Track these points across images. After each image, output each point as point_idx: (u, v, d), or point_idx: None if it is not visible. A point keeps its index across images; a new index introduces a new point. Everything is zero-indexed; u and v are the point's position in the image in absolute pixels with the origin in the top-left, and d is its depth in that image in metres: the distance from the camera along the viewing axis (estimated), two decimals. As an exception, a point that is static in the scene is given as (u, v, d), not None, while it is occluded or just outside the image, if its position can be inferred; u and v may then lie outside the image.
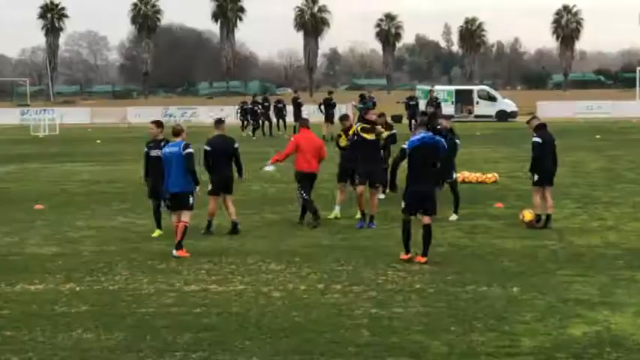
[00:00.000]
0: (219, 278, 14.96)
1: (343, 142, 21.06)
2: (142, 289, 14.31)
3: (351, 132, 20.36)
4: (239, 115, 55.62)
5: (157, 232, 18.92)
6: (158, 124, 18.92)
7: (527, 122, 20.50)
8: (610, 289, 13.73)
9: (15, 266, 16.25)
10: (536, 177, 19.56)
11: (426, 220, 16.07)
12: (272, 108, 54.65)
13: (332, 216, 20.92)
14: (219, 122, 19.93)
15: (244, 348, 10.99)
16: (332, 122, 49.90)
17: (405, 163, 16.77)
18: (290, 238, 18.62)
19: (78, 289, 14.40)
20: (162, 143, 18.20)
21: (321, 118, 50.93)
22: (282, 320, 12.24)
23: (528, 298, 13.27)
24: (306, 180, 20.04)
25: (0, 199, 26.04)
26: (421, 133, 16.36)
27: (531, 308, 12.66)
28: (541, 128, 19.71)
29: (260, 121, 53.41)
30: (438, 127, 20.74)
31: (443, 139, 16.80)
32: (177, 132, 17.44)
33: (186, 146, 17.11)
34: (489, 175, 28.03)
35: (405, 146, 16.32)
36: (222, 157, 19.14)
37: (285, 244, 17.99)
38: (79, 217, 21.94)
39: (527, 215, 19.47)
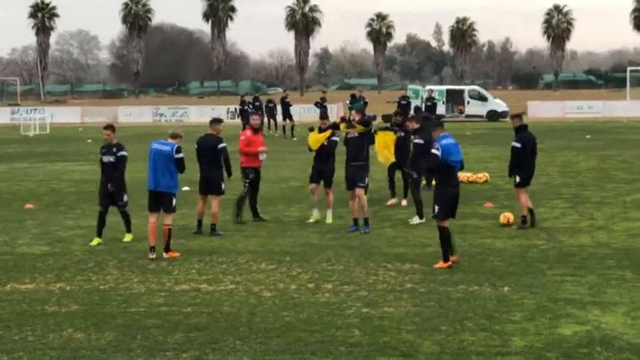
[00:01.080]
0: (210, 278, 14.95)
1: (314, 142, 20.47)
2: (133, 288, 14.29)
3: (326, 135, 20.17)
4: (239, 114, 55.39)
5: (95, 241, 18.15)
6: (112, 129, 18.35)
7: (511, 117, 20.52)
8: (600, 289, 13.75)
9: (5, 266, 16.21)
10: (518, 179, 19.58)
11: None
12: (263, 108, 54.57)
13: (312, 220, 20.58)
14: (213, 122, 19.84)
15: (235, 347, 10.98)
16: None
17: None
18: (281, 238, 18.62)
19: (68, 288, 14.38)
20: (115, 149, 17.99)
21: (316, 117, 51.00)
22: (273, 320, 12.23)
23: (519, 297, 13.28)
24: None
25: (-10, 198, 25.97)
26: (446, 136, 15.86)
27: (522, 308, 12.68)
28: (522, 130, 19.70)
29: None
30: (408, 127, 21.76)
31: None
32: (174, 136, 17.14)
33: (179, 150, 16.90)
34: (480, 175, 28.06)
35: (437, 152, 15.38)
36: (208, 156, 19.10)
37: (276, 244, 17.98)
38: (69, 217, 21.91)
39: (504, 218, 19.68)
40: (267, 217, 21.01)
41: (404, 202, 22.70)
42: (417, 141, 20.62)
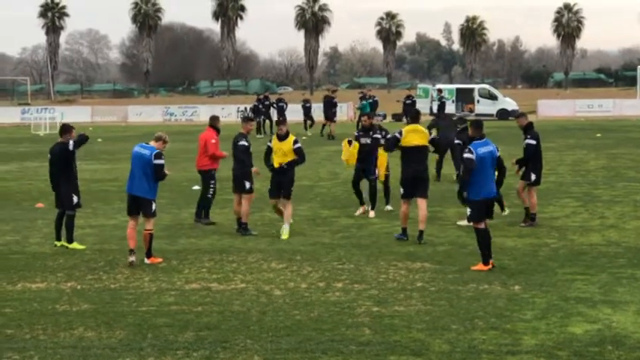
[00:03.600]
0: (221, 277, 14.96)
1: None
2: (144, 287, 14.31)
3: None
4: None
5: (59, 243, 18.04)
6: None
7: (517, 117, 20.62)
8: (611, 288, 13.72)
9: (16, 265, 16.25)
10: (533, 177, 19.62)
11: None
12: (273, 106, 54.55)
13: (284, 237, 18.59)
14: (244, 120, 20.28)
15: (245, 346, 10.99)
16: (333, 121, 50.12)
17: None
18: (291, 237, 18.62)
19: (79, 287, 14.41)
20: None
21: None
22: (284, 319, 12.24)
23: (529, 296, 13.27)
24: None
25: (1, 197, 26.05)
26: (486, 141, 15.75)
27: (532, 306, 12.66)
28: (531, 127, 19.86)
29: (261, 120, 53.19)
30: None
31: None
32: (157, 139, 16.42)
33: (158, 156, 16.11)
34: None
35: (471, 156, 15.24)
36: (234, 154, 19.17)
37: (286, 243, 17.99)
38: (79, 216, 21.88)
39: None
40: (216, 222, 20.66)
41: (372, 214, 21.21)
42: (457, 141, 20.73)
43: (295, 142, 18.86)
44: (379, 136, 20.69)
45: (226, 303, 13.18)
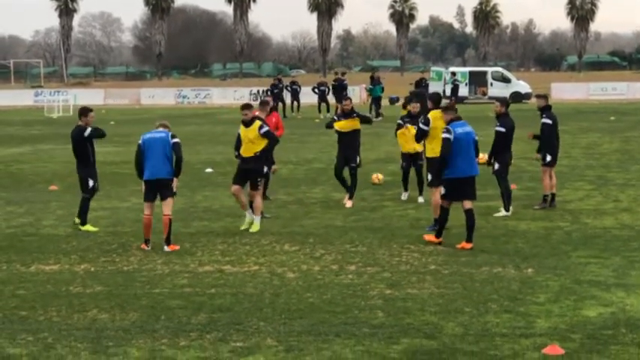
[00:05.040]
0: (234, 259, 14.98)
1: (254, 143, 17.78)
2: (157, 269, 14.34)
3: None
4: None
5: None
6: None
7: (537, 97, 20.53)
8: (625, 271, 13.69)
9: (30, 247, 16.30)
10: (548, 157, 19.55)
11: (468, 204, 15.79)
12: (287, 89, 54.47)
13: (244, 226, 17.77)
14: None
15: (259, 328, 11.00)
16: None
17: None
18: (304, 219, 18.63)
19: (92, 269, 14.44)
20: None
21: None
22: (297, 301, 12.25)
23: (543, 279, 13.25)
24: None
25: (14, 180, 26.12)
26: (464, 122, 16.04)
27: (546, 289, 12.64)
28: (548, 109, 19.72)
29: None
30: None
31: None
32: (162, 125, 16.46)
33: (174, 136, 16.14)
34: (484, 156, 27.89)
35: (449, 136, 15.54)
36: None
37: (299, 225, 17.99)
38: (93, 198, 21.96)
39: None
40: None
41: (349, 204, 20.25)
42: (497, 129, 18.84)
43: (261, 127, 17.41)
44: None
45: (239, 285, 13.19)
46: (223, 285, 13.24)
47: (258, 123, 17.46)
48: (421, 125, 17.32)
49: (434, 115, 17.13)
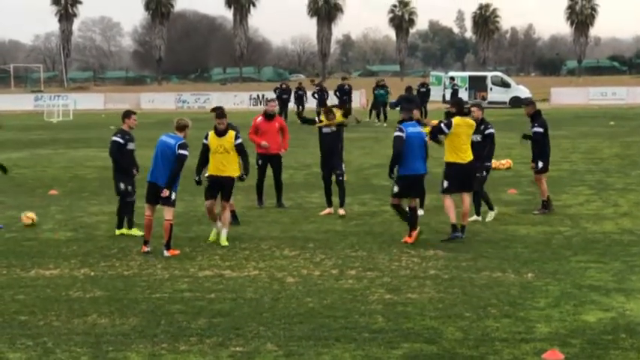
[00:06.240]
0: (233, 264, 14.98)
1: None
2: (157, 274, 14.33)
3: None
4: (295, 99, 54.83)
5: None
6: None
7: (526, 105, 20.60)
8: (625, 276, 13.69)
9: (29, 251, 16.29)
10: (540, 164, 19.59)
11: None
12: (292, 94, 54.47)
13: (212, 238, 17.13)
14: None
15: (258, 333, 11.00)
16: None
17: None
18: (304, 224, 18.63)
19: (92, 274, 14.43)
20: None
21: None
22: (297, 306, 12.24)
23: (543, 284, 13.25)
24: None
25: (14, 184, 26.11)
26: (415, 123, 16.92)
27: (546, 294, 12.64)
28: (539, 115, 19.77)
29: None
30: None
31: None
32: (181, 128, 16.20)
33: (183, 146, 15.89)
34: (503, 162, 27.97)
35: (402, 134, 16.44)
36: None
37: (299, 230, 18.00)
38: (93, 203, 22.01)
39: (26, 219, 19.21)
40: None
41: (341, 211, 19.77)
42: (488, 131, 18.51)
43: (236, 137, 16.81)
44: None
45: (239, 290, 13.19)
46: (223, 290, 13.24)
47: (232, 132, 16.82)
48: (442, 126, 16.93)
49: (457, 121, 16.94)
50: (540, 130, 19.56)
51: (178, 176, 16.01)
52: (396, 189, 16.64)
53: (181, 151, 15.84)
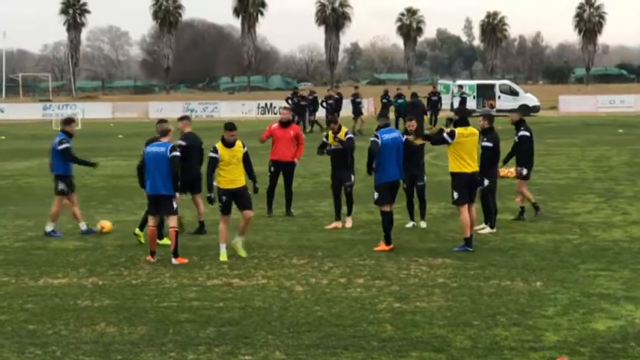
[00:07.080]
0: (242, 272, 14.97)
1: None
2: (165, 283, 14.33)
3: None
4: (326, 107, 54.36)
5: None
6: None
7: (510, 112, 20.93)
8: (634, 284, 13.65)
9: (38, 260, 16.32)
10: (525, 171, 19.65)
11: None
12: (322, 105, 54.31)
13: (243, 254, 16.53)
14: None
15: (267, 342, 10.99)
16: (360, 117, 50.01)
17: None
18: (312, 233, 18.62)
19: (101, 283, 14.44)
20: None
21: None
22: (305, 314, 12.23)
23: (551, 292, 13.22)
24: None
25: (23, 193, 26.16)
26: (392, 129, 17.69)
27: (555, 303, 12.61)
28: (523, 122, 19.98)
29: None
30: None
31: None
32: (164, 133, 16.26)
33: (173, 149, 16.10)
34: (512, 170, 27.88)
35: (377, 140, 16.93)
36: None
37: (307, 239, 17.98)
38: (101, 212, 22.03)
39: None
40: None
41: (349, 223, 19.58)
42: (485, 144, 18.25)
43: (244, 145, 16.55)
44: (352, 135, 19.55)
45: (248, 299, 13.18)
46: (231, 298, 13.24)
47: (240, 142, 16.48)
48: (445, 135, 16.82)
49: (461, 131, 16.81)
50: (527, 133, 19.75)
51: (175, 185, 16.20)
52: (376, 195, 17.01)
53: (174, 154, 16.10)
